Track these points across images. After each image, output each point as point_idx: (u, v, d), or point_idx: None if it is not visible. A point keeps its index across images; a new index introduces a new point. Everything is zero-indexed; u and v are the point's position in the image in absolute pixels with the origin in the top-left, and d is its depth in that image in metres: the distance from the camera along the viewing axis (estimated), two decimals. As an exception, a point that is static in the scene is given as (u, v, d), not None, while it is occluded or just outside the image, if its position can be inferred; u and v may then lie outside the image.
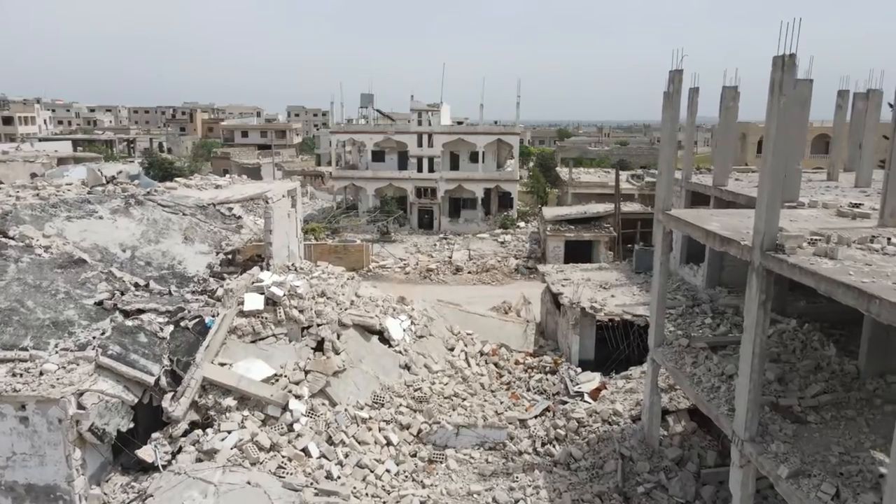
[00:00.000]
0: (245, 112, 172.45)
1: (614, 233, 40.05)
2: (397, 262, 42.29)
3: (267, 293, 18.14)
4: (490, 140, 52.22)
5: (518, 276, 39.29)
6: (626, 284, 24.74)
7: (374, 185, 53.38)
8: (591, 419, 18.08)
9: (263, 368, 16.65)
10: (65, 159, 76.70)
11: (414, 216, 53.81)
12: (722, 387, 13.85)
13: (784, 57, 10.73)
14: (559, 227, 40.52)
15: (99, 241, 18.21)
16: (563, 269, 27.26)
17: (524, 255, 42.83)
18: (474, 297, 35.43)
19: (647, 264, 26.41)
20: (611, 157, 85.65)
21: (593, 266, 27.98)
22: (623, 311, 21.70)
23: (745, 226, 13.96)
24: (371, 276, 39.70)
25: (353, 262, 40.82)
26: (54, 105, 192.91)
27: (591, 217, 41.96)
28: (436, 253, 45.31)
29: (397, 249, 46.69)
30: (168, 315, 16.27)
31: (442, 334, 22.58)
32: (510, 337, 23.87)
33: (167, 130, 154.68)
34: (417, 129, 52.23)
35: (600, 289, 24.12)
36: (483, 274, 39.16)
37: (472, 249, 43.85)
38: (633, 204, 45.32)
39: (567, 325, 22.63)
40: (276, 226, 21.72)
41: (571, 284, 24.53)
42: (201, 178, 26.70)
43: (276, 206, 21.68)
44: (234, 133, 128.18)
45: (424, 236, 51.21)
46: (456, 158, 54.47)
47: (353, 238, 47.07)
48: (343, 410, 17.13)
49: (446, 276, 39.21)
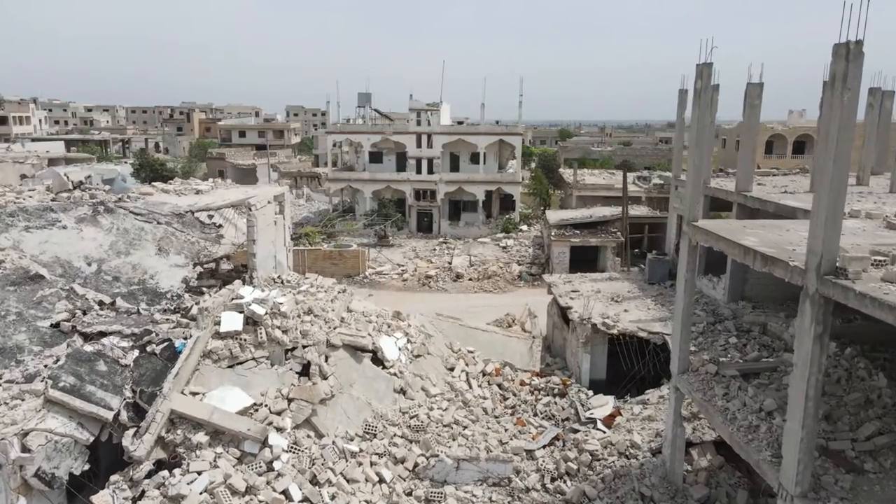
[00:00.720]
0: (243, 112, 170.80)
1: (622, 238, 38.24)
2: (395, 268, 40.53)
3: (247, 312, 16.36)
4: (491, 141, 50.45)
5: (521, 284, 37.52)
6: (640, 297, 22.96)
7: (372, 188, 51.61)
8: (606, 451, 16.29)
9: (241, 398, 14.88)
10: (56, 160, 75.01)
11: (413, 219, 52.03)
12: (761, 426, 12.07)
13: (849, 44, 8.95)
14: (564, 232, 38.75)
15: (61, 253, 16.45)
16: (570, 279, 25.48)
17: (527, 260, 41.06)
18: (475, 306, 33.68)
19: (662, 275, 24.68)
20: (614, 158, 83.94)
21: (603, 276, 26.20)
22: (638, 327, 19.93)
23: (788, 241, 12.20)
24: (367, 283, 37.95)
25: (348, 269, 39.11)
26: (51, 105, 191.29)
27: (598, 221, 40.19)
28: (435, 258, 43.54)
29: (395, 254, 44.92)
30: (133, 338, 14.50)
31: (441, 352, 20.80)
32: (515, 354, 22.09)
33: (164, 131, 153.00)
34: (416, 130, 50.45)
35: (612, 302, 22.34)
36: (484, 281, 37.39)
37: (472, 255, 42.08)
38: (640, 207, 43.56)
39: (577, 343, 20.85)
40: (261, 235, 19.97)
41: (581, 297, 22.76)
42: (181, 183, 24.94)
43: (261, 213, 19.93)
44: (232, 133, 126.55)
45: (423, 240, 49.44)
46: (456, 159, 52.69)
47: (349, 242, 45.35)
48: (331, 443, 15.35)
49: (446, 283, 37.44)
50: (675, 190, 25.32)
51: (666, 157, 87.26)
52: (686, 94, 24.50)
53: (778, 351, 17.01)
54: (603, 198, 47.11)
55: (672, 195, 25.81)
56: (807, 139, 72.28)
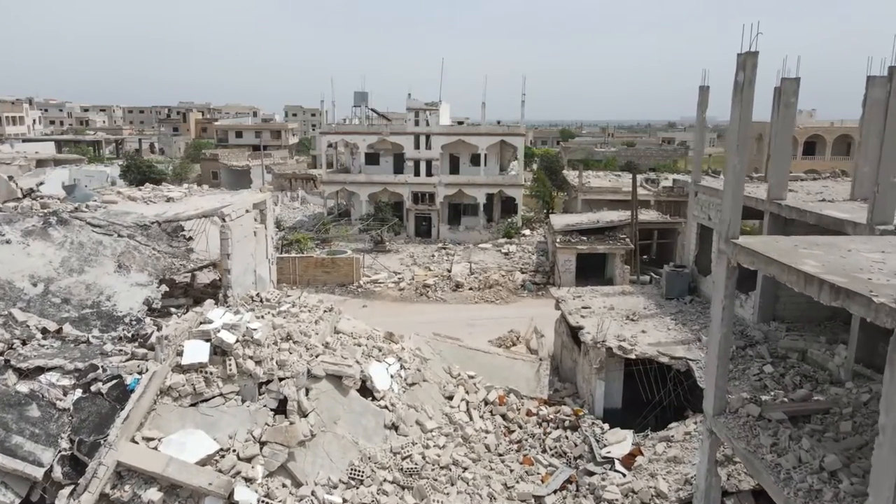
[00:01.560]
0: (241, 112, 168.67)
1: (631, 245, 36.11)
2: (391, 276, 38.39)
3: (214, 340, 14.23)
4: (493, 141, 48.32)
5: (525, 293, 35.40)
6: (658, 315, 20.84)
7: (368, 191, 49.48)
8: (628, 501, 14.17)
9: (204, 443, 12.76)
10: (44, 161, 72.87)
11: (410, 223, 49.90)
12: (825, 491, 9.94)
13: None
14: (570, 239, 36.61)
15: (1, 272, 14.32)
16: (580, 293, 23.35)
17: (531, 268, 38.92)
18: (476, 318, 31.59)
19: (681, 289, 22.57)
20: (618, 159, 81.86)
21: (615, 290, 24.07)
22: (658, 351, 17.80)
23: (856, 266, 10.07)
24: (361, 292, 35.84)
25: (341, 277, 37.01)
26: (47, 105, 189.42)
27: (605, 227, 38.05)
28: (434, 265, 41.42)
29: (392, 261, 42.79)
30: (76, 375, 12.38)
31: (438, 378, 18.68)
32: (520, 379, 19.96)
33: (160, 131, 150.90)
34: (414, 130, 48.32)
35: (627, 321, 20.22)
36: (486, 290, 35.26)
37: (473, 262, 39.94)
38: (648, 211, 41.44)
39: (589, 368, 18.72)
40: (237, 248, 17.85)
41: (592, 315, 20.65)
42: (151, 189, 22.83)
43: (237, 223, 17.82)
44: (228, 133, 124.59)
45: (422, 245, 47.31)
46: (456, 161, 50.58)
47: (343, 249, 43.24)
48: (309, 494, 13.25)
49: (445, 292, 35.31)
50: (694, 196, 23.20)
51: (671, 158, 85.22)
52: (707, 91, 22.42)
53: (822, 383, 14.90)
54: (609, 201, 45.00)
55: (691, 202, 23.69)
56: (817, 140, 70.25)
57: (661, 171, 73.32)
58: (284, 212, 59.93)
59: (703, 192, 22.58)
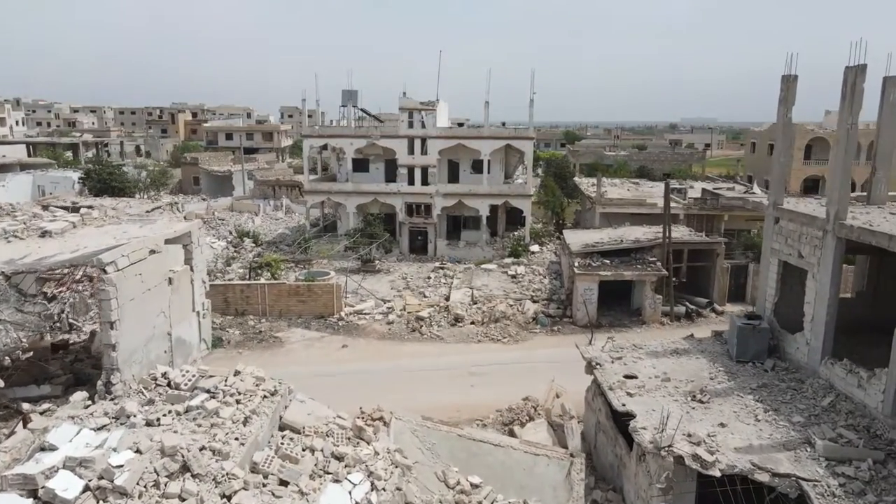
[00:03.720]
0: (235, 113, 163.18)
1: (664, 270, 30.34)
2: (378, 305, 32.60)
3: (43, 494, 8.43)
4: (497, 146, 42.52)
5: (538, 329, 29.58)
6: (733, 391, 15.03)
7: (356, 201, 43.71)
8: None
9: None
10: (9, 166, 67.16)
11: (404, 238, 44.12)
12: None
13: None
14: (590, 262, 30.82)
15: None
16: (620, 353, 17.55)
17: (543, 295, 33.11)
18: (480, 364, 25.78)
19: (758, 350, 16.74)
20: (630, 163, 76.07)
21: (666, 347, 18.25)
22: (754, 464, 12.00)
23: None
24: (343, 327, 30.03)
25: (320, 307, 31.21)
26: (35, 106, 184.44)
27: (631, 248, 32.26)
28: (430, 290, 35.63)
29: (381, 283, 37.01)
30: None
31: (428, 498, 12.86)
32: (544, 487, 14.17)
33: (147, 132, 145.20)
34: (408, 133, 42.54)
35: (692, 401, 14.44)
36: (491, 326, 29.45)
37: (475, 287, 34.12)
38: (678, 227, 35.65)
39: (647, 482, 12.91)
40: (132, 309, 12.12)
41: (643, 392, 14.87)
42: (22, 215, 17.01)
43: (132, 273, 12.08)
44: (218, 135, 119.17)
45: (416, 264, 41.53)
46: (455, 168, 44.81)
47: (325, 270, 37.49)
48: None
49: (442, 328, 29.51)
50: (773, 224, 17.38)
51: (686, 162, 79.36)
52: (794, 83, 16.66)
53: None
54: (631, 215, 39.24)
55: (769, 230, 17.87)
56: (850, 143, 64.33)
57: (677, 177, 67.60)
58: (266, 223, 54.17)
59: (788, 220, 16.76)
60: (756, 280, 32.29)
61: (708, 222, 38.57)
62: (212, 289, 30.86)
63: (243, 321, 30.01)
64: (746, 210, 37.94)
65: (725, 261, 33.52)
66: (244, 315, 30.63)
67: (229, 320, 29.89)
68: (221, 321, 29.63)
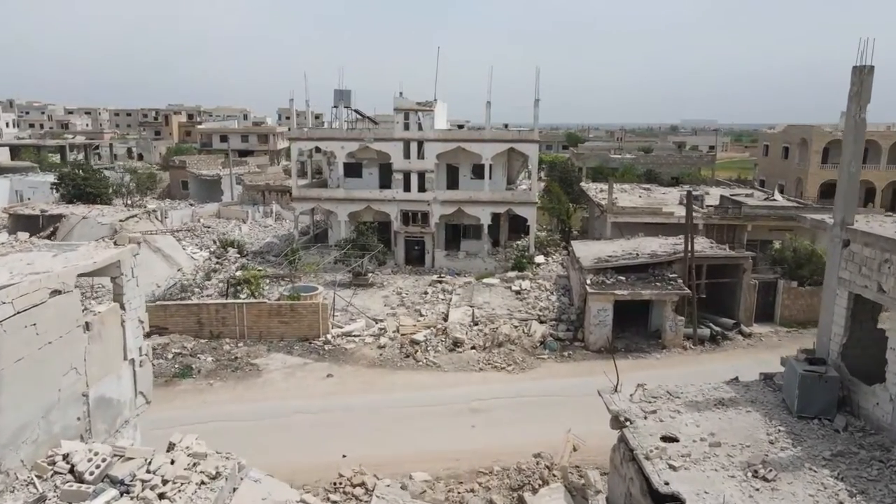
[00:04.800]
0: (232, 114, 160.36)
1: (686, 289, 27.28)
2: (370, 325, 29.57)
3: None
4: (500, 149, 39.48)
5: (546, 355, 26.50)
6: (803, 461, 11.94)
7: (348, 209, 40.69)
8: None
9: None
10: (-14, 169, 64.27)
11: (400, 249, 41.08)
12: None
13: None
14: (604, 279, 27.78)
15: None
16: (653, 404, 14.44)
17: (551, 314, 30.05)
18: (482, 398, 22.71)
19: (824, 403, 13.62)
20: (636, 167, 73.02)
21: (707, 395, 15.11)
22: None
23: None
24: (329, 351, 26.97)
25: (304, 329, 28.17)
26: (29, 107, 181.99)
27: (649, 262, 29.19)
28: (426, 306, 32.61)
29: (374, 299, 33.98)
30: None
31: None
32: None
33: (140, 134, 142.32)
34: (403, 135, 39.51)
35: (752, 476, 11.37)
36: (494, 351, 26.39)
37: (476, 306, 31.07)
38: (697, 239, 32.54)
39: None
40: (21, 373, 9.09)
41: (688, 463, 11.81)
42: None
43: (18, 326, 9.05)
44: (213, 137, 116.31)
45: (413, 277, 38.52)
46: (454, 173, 41.81)
47: (313, 285, 34.47)
48: None
49: (439, 353, 26.45)
50: (842, 248, 14.24)
51: (695, 166, 76.31)
52: (870, 73, 13.56)
53: None
54: (645, 225, 36.18)
55: (835, 254, 14.69)
56: (870, 146, 61.21)
57: (687, 181, 64.57)
58: (254, 231, 51.14)
59: (864, 244, 13.62)
60: (787, 298, 29.27)
61: (729, 233, 35.53)
62: (183, 309, 27.90)
63: (218, 345, 26.95)
64: (771, 219, 34.93)
65: (752, 275, 30.46)
66: (220, 338, 27.58)
67: (202, 345, 26.84)
68: (193, 345, 26.61)
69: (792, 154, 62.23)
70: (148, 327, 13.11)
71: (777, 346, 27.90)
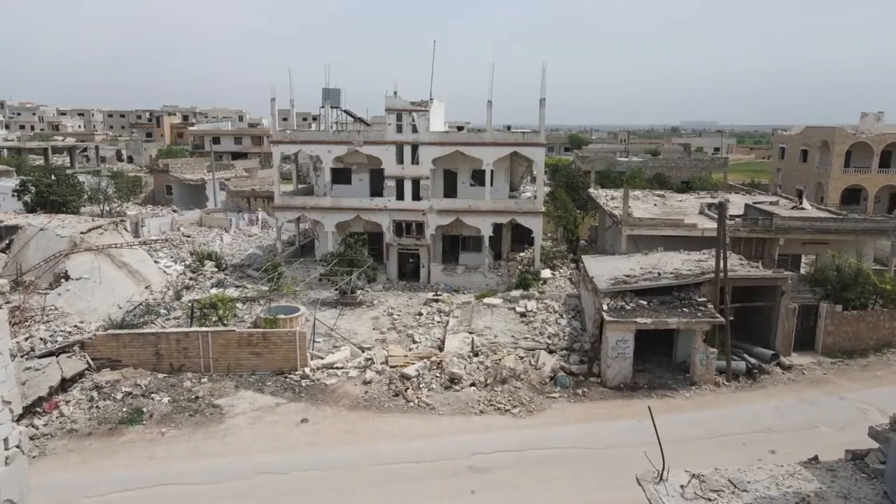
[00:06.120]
0: (227, 116, 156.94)
1: (719, 316, 23.66)
2: (354, 355, 25.96)
3: None
4: (502, 153, 35.87)
5: (557, 393, 22.87)
6: None
7: (336, 219, 37.08)
8: None
9: None
10: (-39, 175, 60.77)
11: (392, 262, 37.48)
12: None
13: None
14: (623, 304, 24.17)
15: None
16: (712, 500, 10.83)
17: (561, 342, 26.42)
18: (483, 451, 19.09)
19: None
20: (645, 170, 69.35)
21: (783, 486, 11.50)
22: None
23: None
24: (307, 388, 23.32)
25: (278, 361, 24.56)
26: (22, 108, 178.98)
27: (673, 284, 25.57)
28: (421, 330, 29.04)
29: (362, 322, 30.40)
30: None
31: None
32: None
33: (131, 136, 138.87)
34: (396, 138, 35.89)
35: None
36: (497, 388, 22.75)
37: (476, 332, 27.48)
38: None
39: None
40: None
41: None
42: None
43: None
44: (205, 139, 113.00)
45: (407, 294, 34.94)
46: (452, 179, 38.21)
47: (294, 306, 30.90)
48: None
49: (433, 391, 22.81)
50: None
51: (706, 170, 72.57)
52: None
53: None
54: (664, 238, 32.55)
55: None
56: (894, 149, 57.63)
57: (699, 187, 60.96)
58: (237, 241, 47.51)
59: None
60: (830, 324, 25.65)
61: (758, 247, 31.92)
62: (139, 339, 24.25)
63: (178, 381, 23.30)
64: (806, 232, 31.32)
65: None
66: (181, 371, 23.95)
67: (159, 381, 23.18)
68: (149, 382, 22.97)
69: (811, 157, 58.63)
70: (20, 408, 9.49)
71: (823, 381, 24.33)
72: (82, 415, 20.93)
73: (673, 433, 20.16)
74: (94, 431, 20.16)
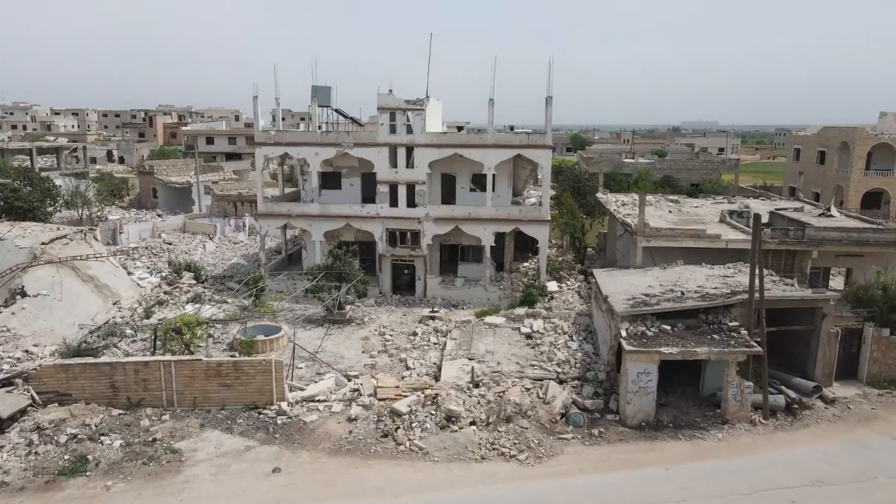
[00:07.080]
0: (223, 115, 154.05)
1: (756, 345, 20.65)
2: (338, 386, 22.99)
3: None
4: (505, 156, 32.90)
5: (569, 433, 19.89)
6: None
7: (324, 227, 34.12)
8: None
9: None
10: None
11: (385, 274, 34.53)
12: None
13: None
14: (644, 330, 21.19)
15: None
16: None
17: (573, 371, 23.42)
18: None
19: None
20: (652, 172, 66.41)
21: None
22: None
23: None
24: (282, 427, 20.32)
25: (252, 394, 21.59)
26: (15, 108, 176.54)
27: (701, 306, 22.56)
28: (415, 353, 26.15)
29: (350, 343, 27.49)
30: None
31: None
32: None
33: (123, 136, 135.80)
34: (389, 140, 32.91)
35: None
36: (500, 428, 19.77)
37: (476, 358, 24.51)
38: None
39: None
40: None
41: None
42: None
43: None
44: (198, 139, 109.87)
45: (401, 310, 32.04)
46: (451, 184, 35.22)
47: (275, 325, 28.12)
48: None
49: (427, 431, 19.81)
50: None
51: (717, 171, 69.60)
52: None
53: None
54: (684, 251, 29.56)
55: None
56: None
57: (710, 189, 58.01)
58: (221, 249, 44.54)
59: None
60: (876, 350, 22.63)
61: (788, 260, 28.92)
62: (91, 369, 21.23)
63: (134, 420, 20.30)
64: (843, 244, 28.32)
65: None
66: (139, 407, 20.96)
67: (113, 419, 20.18)
68: (100, 420, 19.95)
69: (829, 159, 55.62)
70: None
71: (872, 418, 21.31)
72: (17, 463, 17.95)
73: (708, 487, 17.21)
74: (28, 485, 17.16)
